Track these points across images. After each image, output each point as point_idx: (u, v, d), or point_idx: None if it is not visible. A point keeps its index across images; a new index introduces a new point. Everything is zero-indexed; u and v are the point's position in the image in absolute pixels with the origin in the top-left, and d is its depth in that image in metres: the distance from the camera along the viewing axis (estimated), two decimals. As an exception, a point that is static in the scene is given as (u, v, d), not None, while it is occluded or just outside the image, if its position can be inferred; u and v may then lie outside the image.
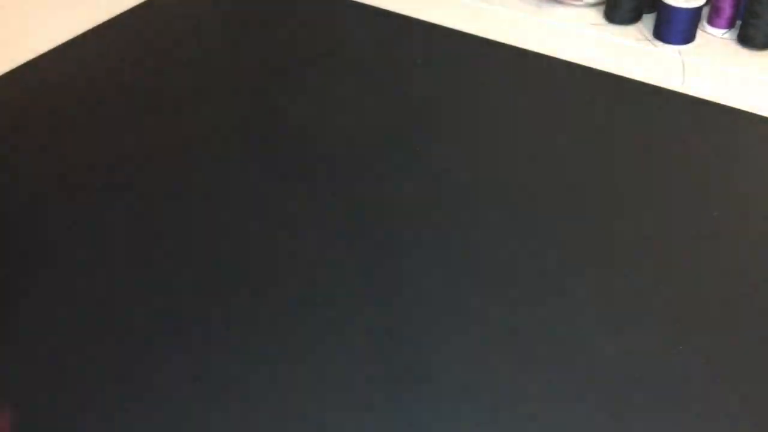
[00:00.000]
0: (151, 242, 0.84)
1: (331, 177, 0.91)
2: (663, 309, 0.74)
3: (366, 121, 0.98)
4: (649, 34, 1.14)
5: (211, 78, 1.08)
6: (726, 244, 0.80)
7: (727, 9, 1.11)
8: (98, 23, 1.18)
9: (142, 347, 0.72)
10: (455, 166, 0.92)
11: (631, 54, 1.10)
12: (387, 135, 0.96)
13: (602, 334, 0.72)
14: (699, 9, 1.09)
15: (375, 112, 1.00)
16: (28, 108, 1.03)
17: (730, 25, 1.13)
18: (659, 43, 1.12)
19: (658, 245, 0.76)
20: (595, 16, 1.18)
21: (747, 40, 1.10)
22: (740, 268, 0.77)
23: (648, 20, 1.16)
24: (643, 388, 0.67)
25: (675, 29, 1.10)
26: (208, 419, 0.66)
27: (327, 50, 1.10)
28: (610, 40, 1.13)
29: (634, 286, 0.77)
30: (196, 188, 0.91)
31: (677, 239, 0.81)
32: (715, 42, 1.13)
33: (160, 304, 0.77)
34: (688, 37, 1.11)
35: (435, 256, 0.80)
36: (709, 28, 1.13)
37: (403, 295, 0.76)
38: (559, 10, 1.20)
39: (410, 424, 0.65)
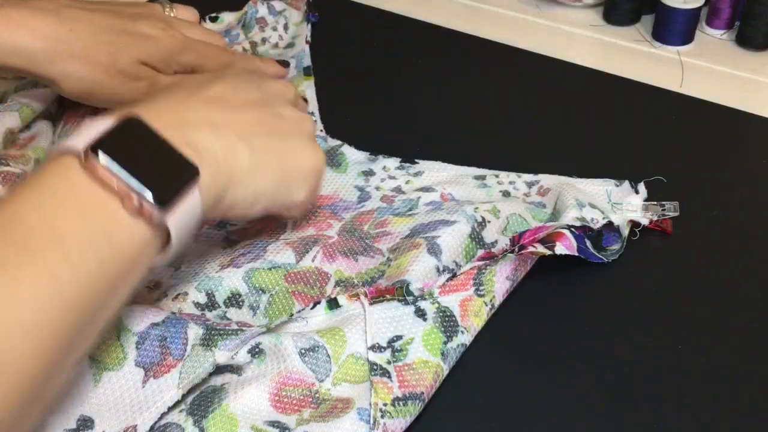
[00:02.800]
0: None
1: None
2: (661, 308, 0.74)
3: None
4: (647, 35, 1.14)
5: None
6: (725, 243, 0.80)
7: (725, 10, 1.12)
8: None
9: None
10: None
11: (630, 55, 1.11)
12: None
13: (598, 333, 0.72)
14: (698, 10, 1.09)
15: (370, 113, 1.00)
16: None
17: (728, 26, 1.13)
18: (658, 44, 1.12)
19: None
20: (594, 17, 1.18)
21: (745, 40, 1.10)
22: (740, 268, 0.77)
23: (647, 21, 1.16)
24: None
25: (674, 30, 1.10)
26: None
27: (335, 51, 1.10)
28: (609, 41, 1.13)
29: (630, 284, 0.77)
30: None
31: (676, 239, 0.81)
32: (713, 43, 1.13)
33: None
34: (686, 37, 1.11)
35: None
36: (707, 29, 1.14)
37: None
38: (558, 11, 1.20)
39: None
